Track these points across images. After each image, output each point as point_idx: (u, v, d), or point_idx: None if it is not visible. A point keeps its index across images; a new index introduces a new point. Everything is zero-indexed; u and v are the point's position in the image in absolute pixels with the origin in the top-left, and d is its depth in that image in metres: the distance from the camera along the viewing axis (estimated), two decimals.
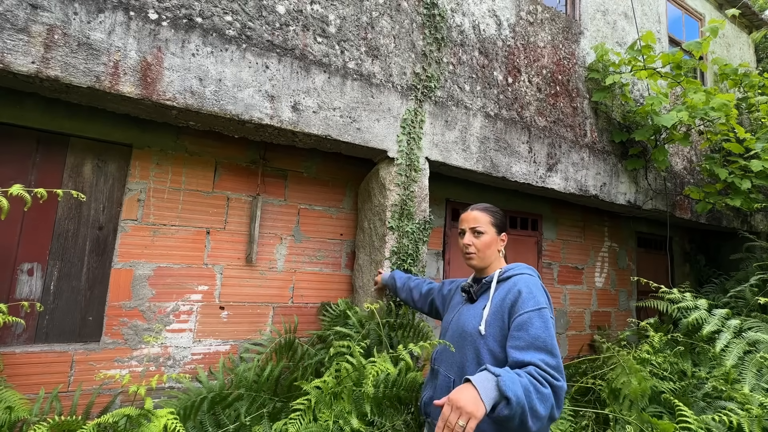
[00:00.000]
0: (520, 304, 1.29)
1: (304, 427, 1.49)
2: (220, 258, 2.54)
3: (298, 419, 1.51)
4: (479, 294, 1.49)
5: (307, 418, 1.53)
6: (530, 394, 1.07)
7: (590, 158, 3.73)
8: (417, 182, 2.71)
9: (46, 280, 2.16)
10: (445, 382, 1.44)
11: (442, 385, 1.45)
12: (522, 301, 1.29)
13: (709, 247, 5.67)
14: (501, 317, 1.33)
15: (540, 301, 1.29)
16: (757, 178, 3.94)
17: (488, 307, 1.38)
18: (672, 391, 2.48)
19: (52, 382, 2.08)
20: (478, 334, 1.35)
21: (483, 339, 1.34)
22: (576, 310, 4.31)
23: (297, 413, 1.53)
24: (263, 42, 2.29)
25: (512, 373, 1.11)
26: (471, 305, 1.50)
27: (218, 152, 2.60)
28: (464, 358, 1.39)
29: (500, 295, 1.38)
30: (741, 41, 6.12)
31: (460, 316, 1.51)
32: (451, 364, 1.44)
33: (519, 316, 1.27)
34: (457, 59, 3.02)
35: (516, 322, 1.27)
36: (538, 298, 1.29)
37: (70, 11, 1.86)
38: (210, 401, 1.92)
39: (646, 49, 3.58)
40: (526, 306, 1.27)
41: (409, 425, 1.75)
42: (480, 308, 1.42)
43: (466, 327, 1.42)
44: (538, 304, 1.27)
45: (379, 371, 1.52)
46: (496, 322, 1.34)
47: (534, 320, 1.23)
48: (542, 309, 1.26)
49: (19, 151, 2.15)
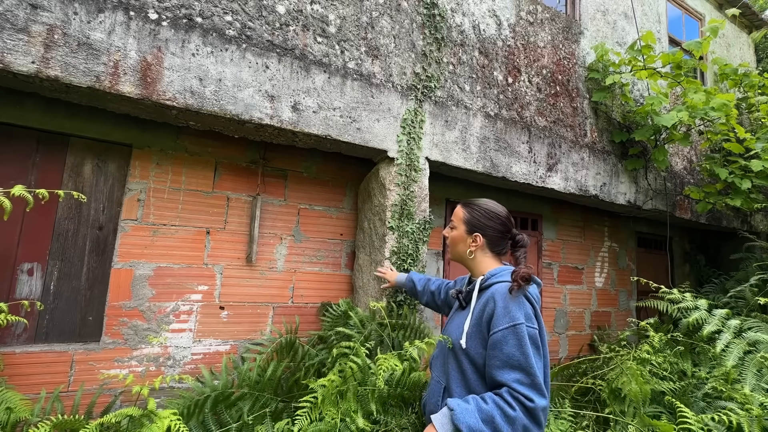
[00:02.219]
0: (495, 320, 1.25)
1: (311, 425, 1.50)
2: (220, 258, 2.54)
3: (305, 416, 1.51)
4: (467, 300, 1.46)
5: (314, 415, 1.53)
6: (493, 419, 1.12)
7: (590, 158, 3.73)
8: (417, 182, 2.71)
9: (46, 280, 2.15)
10: (437, 387, 1.45)
11: (434, 389, 1.46)
12: (496, 317, 1.25)
13: (709, 247, 5.67)
14: (480, 330, 1.31)
15: (515, 316, 1.22)
16: (757, 178, 3.94)
17: (469, 319, 1.35)
18: (672, 391, 2.48)
19: (53, 382, 2.08)
20: (459, 346, 1.35)
21: (464, 352, 1.33)
22: (576, 310, 4.31)
23: (303, 411, 1.53)
24: (263, 42, 2.29)
25: (472, 402, 1.18)
26: (460, 312, 1.48)
27: (218, 152, 2.60)
28: (449, 367, 1.40)
29: (479, 307, 1.34)
30: (741, 41, 6.12)
31: (450, 323, 1.51)
32: (441, 371, 1.46)
33: (494, 334, 1.24)
34: (457, 59, 3.02)
35: (491, 340, 1.24)
36: (513, 314, 1.23)
37: (70, 11, 1.85)
38: (213, 400, 1.92)
39: (646, 49, 3.58)
40: (500, 323, 1.23)
41: (414, 424, 1.76)
42: (465, 318, 1.40)
43: (452, 336, 1.43)
44: (513, 320, 1.21)
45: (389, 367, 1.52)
46: (476, 335, 1.31)
47: (508, 339, 1.20)
48: (517, 325, 1.21)
49: (19, 151, 2.15)
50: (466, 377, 1.33)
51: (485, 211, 1.48)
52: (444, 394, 1.40)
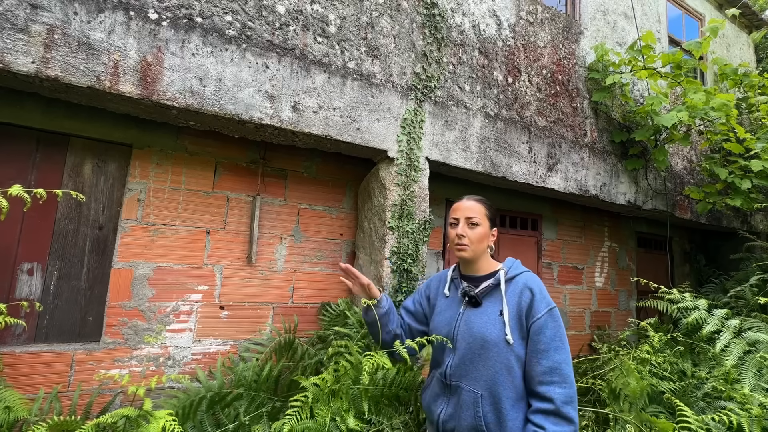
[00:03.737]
0: (535, 306, 1.32)
1: (301, 424, 1.49)
2: (220, 258, 2.54)
3: (295, 416, 1.51)
4: (483, 296, 1.42)
5: (304, 414, 1.53)
6: None
7: (590, 158, 3.73)
8: (417, 182, 2.71)
9: (46, 280, 2.16)
10: (470, 397, 1.32)
11: (467, 401, 1.33)
12: (536, 302, 1.33)
13: (709, 247, 5.67)
14: (519, 321, 1.32)
15: (549, 300, 1.35)
16: (757, 178, 3.94)
17: (506, 312, 1.33)
18: (672, 391, 2.48)
19: (52, 382, 2.08)
20: (505, 344, 1.30)
21: (510, 348, 1.29)
22: (576, 310, 4.30)
23: (294, 410, 1.52)
24: (263, 42, 2.29)
25: None
26: (478, 310, 1.40)
27: (218, 152, 2.60)
28: (492, 370, 1.30)
29: (513, 298, 1.36)
30: (741, 41, 6.12)
31: (470, 324, 1.39)
32: (476, 378, 1.33)
33: (536, 321, 1.30)
34: (457, 59, 3.02)
35: (535, 326, 1.30)
36: (547, 298, 1.35)
37: (70, 11, 1.86)
38: (209, 401, 1.92)
39: (646, 49, 3.58)
40: (541, 309, 1.32)
41: (407, 425, 1.75)
42: (494, 314, 1.35)
43: (486, 336, 1.33)
44: (549, 304, 1.33)
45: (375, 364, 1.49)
46: (516, 327, 1.33)
47: (548, 323, 1.30)
48: (552, 309, 1.32)
49: (19, 151, 2.15)
50: (513, 376, 1.29)
51: (494, 206, 1.56)
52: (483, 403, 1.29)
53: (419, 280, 2.66)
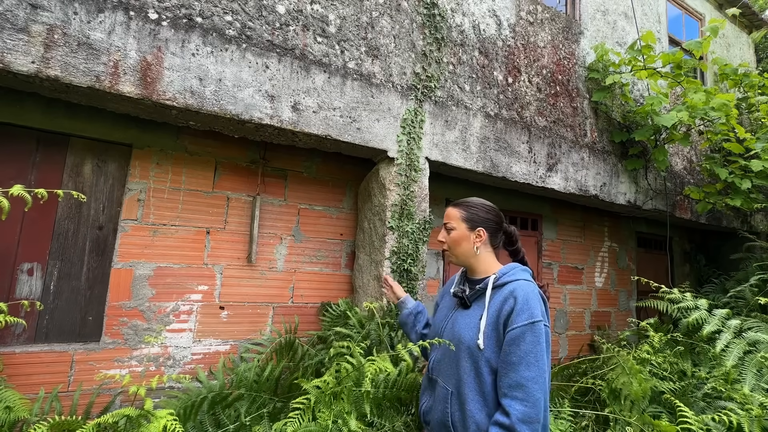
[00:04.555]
0: (514, 316, 1.25)
1: (303, 427, 1.49)
2: (220, 258, 2.54)
3: (297, 418, 1.51)
4: (473, 299, 1.43)
5: (306, 417, 1.52)
6: None
7: (590, 158, 3.73)
8: (417, 182, 2.71)
9: (46, 279, 2.15)
10: (443, 393, 1.39)
11: (440, 396, 1.40)
12: (516, 312, 1.26)
13: (709, 247, 5.67)
14: (497, 328, 1.29)
15: (535, 313, 1.24)
16: (757, 178, 3.94)
17: (485, 317, 1.33)
18: (672, 391, 2.48)
19: (52, 382, 2.08)
20: (476, 347, 1.31)
21: (481, 353, 1.29)
22: (576, 310, 4.31)
23: (296, 412, 1.52)
24: (263, 42, 2.29)
25: None
26: (465, 311, 1.43)
27: (218, 152, 2.60)
28: (462, 371, 1.34)
29: (496, 305, 1.33)
30: (741, 41, 6.12)
31: (455, 324, 1.44)
32: (449, 375, 1.39)
33: (512, 330, 1.24)
34: (457, 59, 3.02)
35: (509, 336, 1.24)
36: (533, 310, 1.25)
37: (70, 11, 1.85)
38: (210, 401, 1.92)
39: (646, 49, 3.58)
40: (519, 320, 1.24)
41: (409, 427, 1.74)
42: (476, 317, 1.37)
43: (462, 338, 1.36)
44: (532, 317, 1.24)
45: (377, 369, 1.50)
46: (492, 334, 1.30)
47: (526, 335, 1.22)
48: (536, 323, 1.23)
49: (19, 150, 2.15)
50: (481, 380, 1.29)
51: (482, 206, 1.50)
52: (452, 399, 1.34)
53: (419, 280, 2.66)
